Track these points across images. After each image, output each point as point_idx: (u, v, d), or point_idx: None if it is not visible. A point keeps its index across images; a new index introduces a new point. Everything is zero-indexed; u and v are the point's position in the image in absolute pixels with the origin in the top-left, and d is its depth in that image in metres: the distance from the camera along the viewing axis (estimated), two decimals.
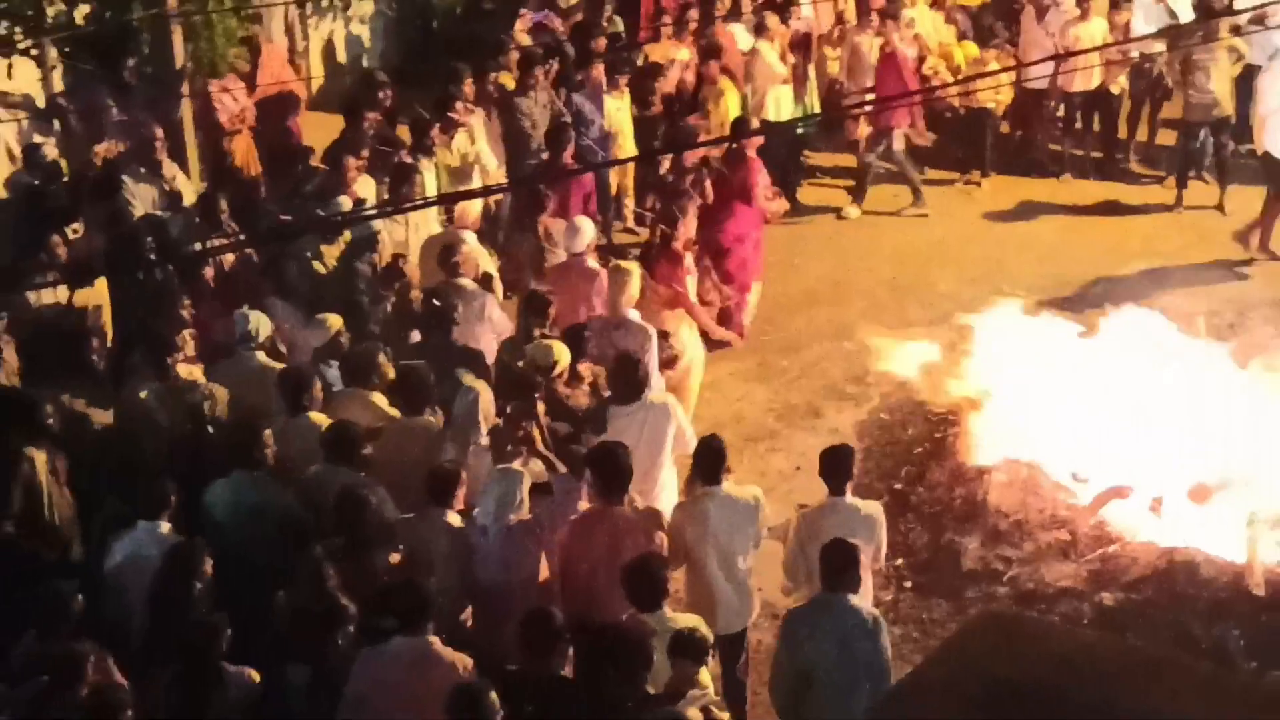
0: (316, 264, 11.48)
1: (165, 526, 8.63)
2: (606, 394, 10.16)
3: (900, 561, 10.91)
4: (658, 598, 8.02)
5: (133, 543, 8.56)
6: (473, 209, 12.66)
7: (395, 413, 9.78)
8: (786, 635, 8.17)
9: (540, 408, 9.64)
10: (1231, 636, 9.72)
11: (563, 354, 10.15)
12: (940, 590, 10.61)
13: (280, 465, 9.24)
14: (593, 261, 11.89)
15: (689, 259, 12.27)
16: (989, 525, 10.95)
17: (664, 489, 9.89)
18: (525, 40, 15.54)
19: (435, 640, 7.77)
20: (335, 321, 10.46)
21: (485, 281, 11.53)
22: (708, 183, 13.29)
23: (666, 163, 13.89)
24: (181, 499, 8.86)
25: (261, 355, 10.33)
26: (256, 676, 7.76)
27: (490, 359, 10.65)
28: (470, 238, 11.99)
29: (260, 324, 10.36)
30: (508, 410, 9.68)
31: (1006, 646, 3.95)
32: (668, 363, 10.94)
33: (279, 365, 10.22)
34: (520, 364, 10.14)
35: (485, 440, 9.66)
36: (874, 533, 8.88)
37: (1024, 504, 11.01)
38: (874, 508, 9.04)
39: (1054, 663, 3.92)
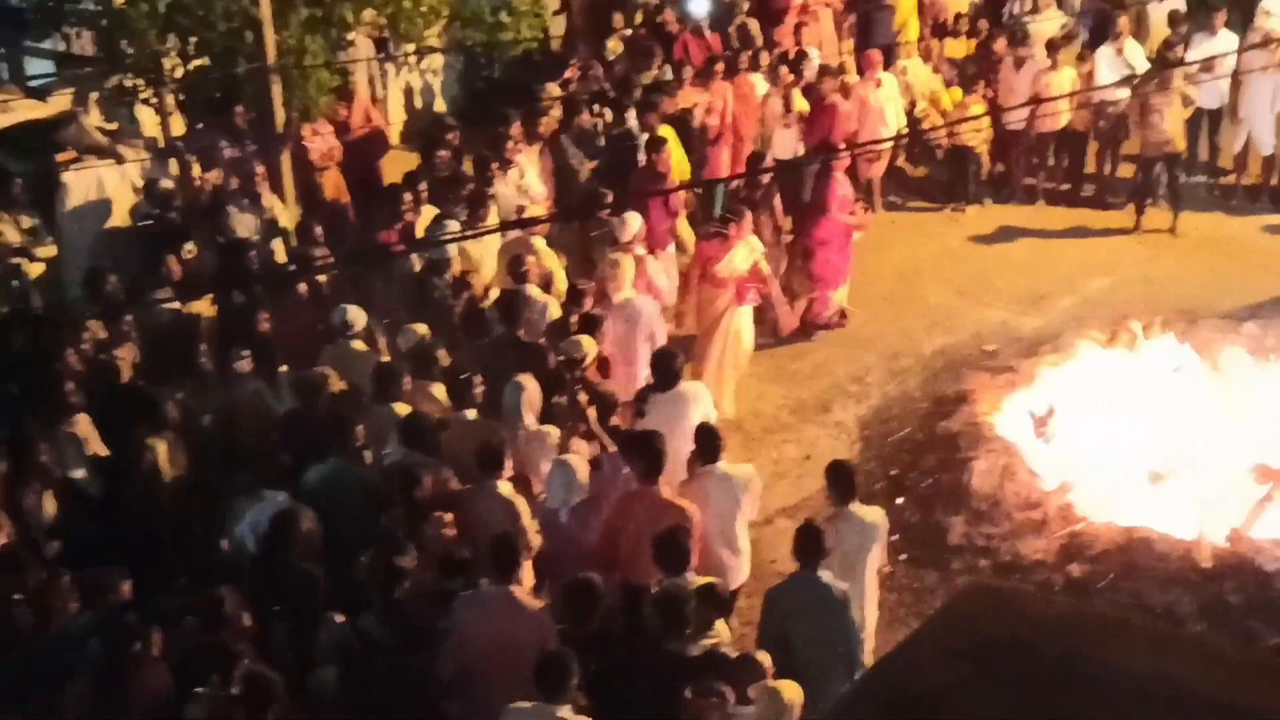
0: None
1: (283, 496, 8.81)
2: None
3: (895, 537, 10.91)
4: (683, 564, 8.10)
5: (258, 510, 8.75)
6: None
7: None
8: (768, 608, 8.20)
9: (583, 396, 9.76)
10: (1182, 603, 9.74)
11: (590, 346, 10.29)
12: (930, 562, 10.64)
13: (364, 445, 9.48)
14: (640, 250, 12.13)
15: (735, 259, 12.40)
16: (973, 506, 10.97)
17: None
18: (562, 90, 15.53)
19: (518, 589, 7.92)
20: (422, 329, 10.64)
21: (546, 285, 11.70)
22: (776, 199, 13.61)
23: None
24: (294, 470, 9.11)
25: (357, 343, 10.58)
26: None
27: None
28: (539, 242, 12.19)
29: (356, 316, 10.60)
30: (554, 399, 9.82)
31: (990, 612, 4.00)
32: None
33: (370, 352, 10.54)
34: (559, 357, 10.31)
35: (533, 427, 9.77)
36: (880, 537, 8.81)
37: (1003, 487, 11.01)
38: (878, 514, 8.87)
39: (1031, 625, 3.97)
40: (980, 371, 12.91)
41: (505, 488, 8.91)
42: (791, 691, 6.96)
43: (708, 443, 9.18)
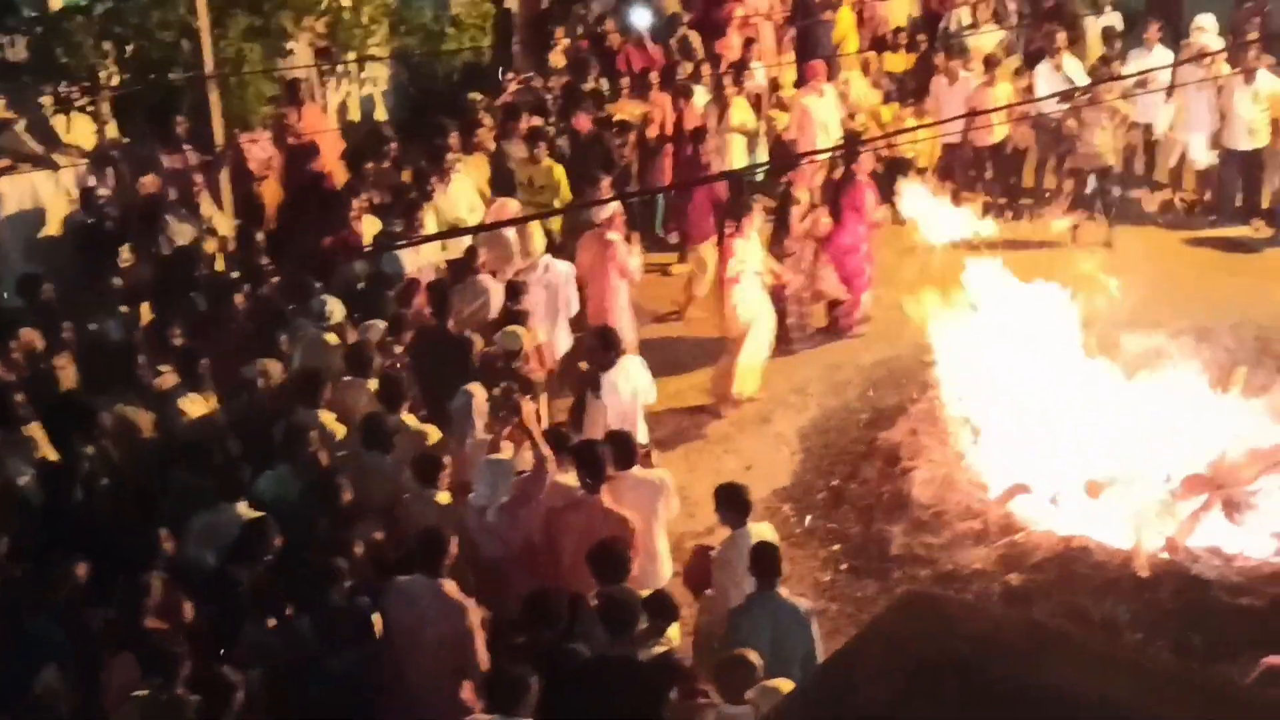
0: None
1: (241, 506, 8.69)
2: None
3: (836, 547, 10.90)
4: (620, 574, 8.05)
5: (213, 520, 8.65)
6: (509, 207, 12.87)
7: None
8: (731, 628, 8.11)
9: (519, 395, 9.64)
10: (1119, 612, 9.74)
11: (529, 338, 10.27)
12: (870, 572, 10.59)
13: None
14: (612, 234, 12.19)
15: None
16: (912, 516, 10.93)
17: (640, 434, 10.13)
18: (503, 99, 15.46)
19: (448, 582, 7.87)
20: (383, 325, 10.65)
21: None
22: (793, 209, 13.57)
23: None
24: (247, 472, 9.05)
25: (330, 335, 10.54)
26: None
27: None
28: (510, 234, 12.22)
29: (335, 308, 10.57)
30: (494, 391, 9.75)
31: (928, 622, 3.93)
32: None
33: (340, 345, 10.49)
34: (492, 350, 10.30)
35: (481, 435, 9.64)
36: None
37: (942, 497, 10.99)
38: (769, 532, 8.89)
39: (968, 637, 3.89)
40: (920, 382, 12.88)
41: (444, 497, 8.83)
42: (790, 689, 6.87)
43: (621, 448, 9.07)
